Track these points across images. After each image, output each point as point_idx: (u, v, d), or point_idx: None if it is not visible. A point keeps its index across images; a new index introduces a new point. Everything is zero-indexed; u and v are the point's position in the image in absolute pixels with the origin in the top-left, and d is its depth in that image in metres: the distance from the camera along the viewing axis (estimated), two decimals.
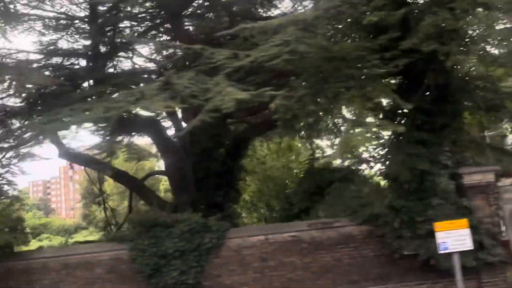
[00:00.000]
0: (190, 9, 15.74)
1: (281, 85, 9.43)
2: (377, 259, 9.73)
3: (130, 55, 17.55)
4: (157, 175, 24.48)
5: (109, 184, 33.17)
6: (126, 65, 17.14)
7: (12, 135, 10.86)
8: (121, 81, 12.46)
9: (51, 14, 16.52)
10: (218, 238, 9.70)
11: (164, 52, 16.03)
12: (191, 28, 16.84)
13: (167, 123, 17.11)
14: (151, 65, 16.99)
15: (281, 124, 8.76)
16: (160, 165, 25.86)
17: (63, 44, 16.49)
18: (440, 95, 8.70)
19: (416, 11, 8.30)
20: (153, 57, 17.62)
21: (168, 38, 17.19)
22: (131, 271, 9.82)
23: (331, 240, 9.85)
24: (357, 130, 7.31)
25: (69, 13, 16.87)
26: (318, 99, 7.96)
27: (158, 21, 16.57)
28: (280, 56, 7.87)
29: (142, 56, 17.88)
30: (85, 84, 14.31)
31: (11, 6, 12.93)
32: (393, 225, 9.22)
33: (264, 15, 16.50)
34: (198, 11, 15.96)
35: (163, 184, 29.52)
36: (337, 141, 18.10)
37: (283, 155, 23.97)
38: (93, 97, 11.54)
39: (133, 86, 12.36)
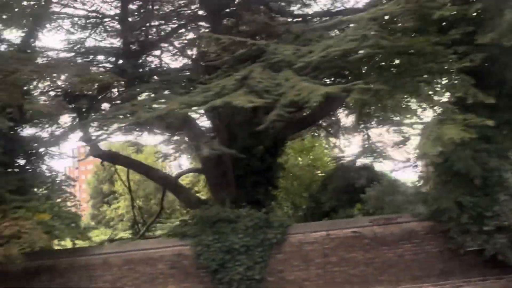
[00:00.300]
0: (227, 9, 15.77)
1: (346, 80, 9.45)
2: (440, 255, 9.74)
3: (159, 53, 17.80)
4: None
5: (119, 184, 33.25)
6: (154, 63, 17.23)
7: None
8: (170, 78, 12.44)
9: (81, 13, 16.60)
10: (281, 233, 9.70)
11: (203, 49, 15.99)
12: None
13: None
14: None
15: (357, 117, 8.73)
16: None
17: (90, 43, 16.55)
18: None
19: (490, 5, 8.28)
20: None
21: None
22: (193, 266, 9.82)
23: (393, 235, 9.85)
24: (445, 124, 7.30)
25: (100, 11, 16.98)
26: (395, 94, 7.97)
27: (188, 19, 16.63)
28: (357, 50, 7.86)
29: (176, 54, 18.01)
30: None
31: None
32: (459, 220, 9.24)
33: (300, 12, 16.61)
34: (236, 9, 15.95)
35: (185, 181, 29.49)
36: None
37: (307, 154, 23.98)
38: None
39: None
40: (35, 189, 10.27)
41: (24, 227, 8.20)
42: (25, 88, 9.53)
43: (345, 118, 20.38)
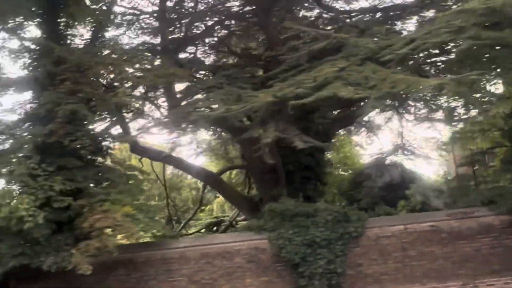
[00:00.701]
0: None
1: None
2: None
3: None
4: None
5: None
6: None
7: None
8: (229, 74, 12.40)
9: (118, 10, 16.53)
10: (360, 227, 9.68)
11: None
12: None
13: None
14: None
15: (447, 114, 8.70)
16: None
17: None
18: None
19: None
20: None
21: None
22: (271, 260, 9.82)
23: (471, 230, 9.83)
24: None
25: (137, 8, 16.91)
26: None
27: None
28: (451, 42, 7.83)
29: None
30: None
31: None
32: None
33: (347, 8, 16.58)
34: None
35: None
36: None
37: (337, 152, 24.00)
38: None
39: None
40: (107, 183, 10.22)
41: (116, 220, 8.18)
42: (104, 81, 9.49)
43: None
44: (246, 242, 9.94)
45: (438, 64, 9.63)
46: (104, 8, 10.97)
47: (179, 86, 12.45)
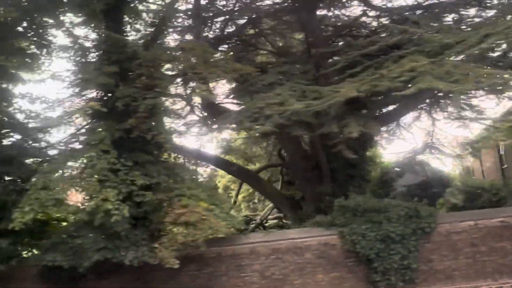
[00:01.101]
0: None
1: None
2: None
3: None
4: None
5: None
6: None
7: None
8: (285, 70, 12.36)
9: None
10: (432, 222, 9.67)
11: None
12: None
13: None
14: None
15: None
16: None
17: None
18: None
19: None
20: None
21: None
22: (341, 256, 9.81)
23: None
24: None
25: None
26: None
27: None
28: None
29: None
30: None
31: None
32: None
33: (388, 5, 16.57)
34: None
35: None
36: None
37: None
38: None
39: None
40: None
41: (202, 214, 8.17)
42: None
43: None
44: (315, 238, 9.92)
45: None
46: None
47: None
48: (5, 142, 10.14)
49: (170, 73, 9.93)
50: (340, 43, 15.48)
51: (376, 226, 9.51)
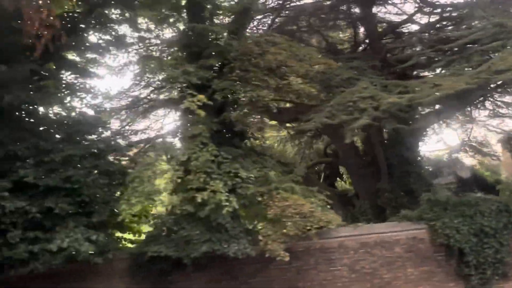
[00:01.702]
0: None
1: None
2: None
3: None
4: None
5: None
6: None
7: None
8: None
9: None
10: None
11: None
12: None
13: None
14: None
15: None
16: None
17: None
18: None
19: None
20: None
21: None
22: (430, 250, 9.80)
23: None
24: None
25: None
26: None
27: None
28: None
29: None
30: None
31: None
32: None
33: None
34: None
35: None
36: None
37: None
38: None
39: None
40: None
41: (309, 207, 8.15)
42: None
43: None
44: (403, 232, 9.92)
45: None
46: None
47: None
48: (92, 137, 10.10)
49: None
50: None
51: (468, 220, 9.50)
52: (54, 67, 10.86)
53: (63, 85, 11.22)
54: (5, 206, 8.23)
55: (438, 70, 11.44)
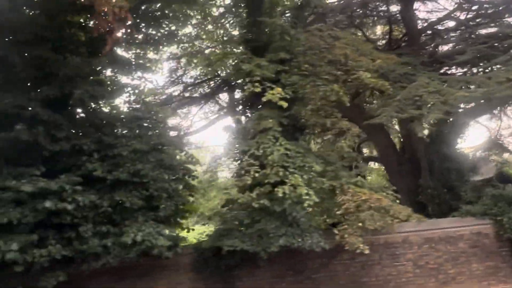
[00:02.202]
0: None
1: None
2: None
3: None
4: None
5: None
6: None
7: None
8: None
9: None
10: None
11: None
12: None
13: None
14: None
15: None
16: None
17: None
18: None
19: None
20: None
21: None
22: (494, 245, 9.77)
23: None
24: None
25: None
26: None
27: None
28: None
29: None
30: None
31: None
32: None
33: None
34: None
35: None
36: None
37: None
38: None
39: None
40: None
41: (387, 202, 8.13)
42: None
43: None
44: (468, 227, 9.88)
45: None
46: None
47: None
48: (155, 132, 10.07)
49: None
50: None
51: None
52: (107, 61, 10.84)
53: (115, 81, 11.27)
54: (79, 200, 8.22)
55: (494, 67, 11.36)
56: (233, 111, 19.66)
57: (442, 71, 13.67)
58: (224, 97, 19.31)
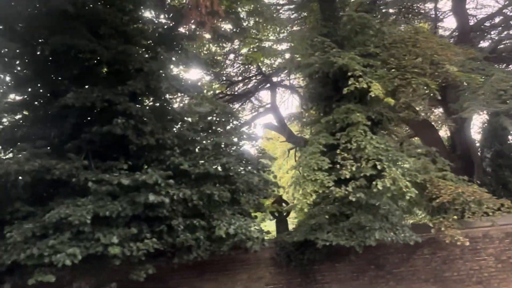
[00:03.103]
0: None
1: None
2: None
3: None
4: None
5: None
6: None
7: None
8: None
9: None
10: None
11: None
12: None
13: None
14: None
15: None
16: None
17: None
18: None
19: None
20: None
21: None
22: None
23: None
24: None
25: None
26: None
27: None
28: None
29: None
30: None
31: None
32: None
33: None
34: None
35: None
36: None
37: None
38: None
39: None
40: None
41: (484, 194, 8.10)
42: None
43: None
44: None
45: None
46: None
47: None
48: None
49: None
50: None
51: None
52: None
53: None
54: (172, 194, 8.20)
55: None
56: (274, 108, 19.75)
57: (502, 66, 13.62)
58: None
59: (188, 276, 9.54)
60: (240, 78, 18.59)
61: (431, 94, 8.65)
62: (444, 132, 18.38)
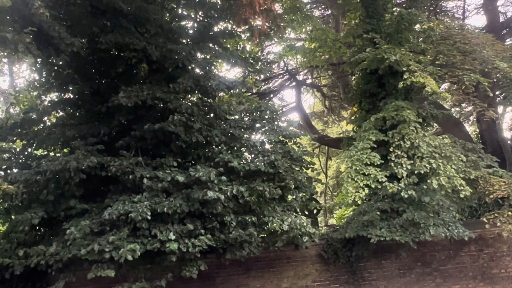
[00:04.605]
0: None
1: None
2: None
3: None
4: None
5: None
6: None
7: None
8: None
9: None
10: None
11: None
12: None
13: None
14: None
15: None
16: None
17: None
18: None
19: None
20: None
21: None
22: None
23: None
24: None
25: None
26: None
27: None
28: None
29: None
30: None
31: None
32: None
33: None
34: None
35: None
36: None
37: None
38: None
39: None
40: None
41: None
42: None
43: None
44: None
45: None
46: None
47: None
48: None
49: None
50: None
51: None
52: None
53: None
54: (225, 190, 8.21)
55: None
56: (299, 106, 19.76)
57: None
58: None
59: (235, 273, 9.54)
60: (264, 76, 18.59)
61: (484, 92, 8.58)
62: (469, 129, 18.27)
